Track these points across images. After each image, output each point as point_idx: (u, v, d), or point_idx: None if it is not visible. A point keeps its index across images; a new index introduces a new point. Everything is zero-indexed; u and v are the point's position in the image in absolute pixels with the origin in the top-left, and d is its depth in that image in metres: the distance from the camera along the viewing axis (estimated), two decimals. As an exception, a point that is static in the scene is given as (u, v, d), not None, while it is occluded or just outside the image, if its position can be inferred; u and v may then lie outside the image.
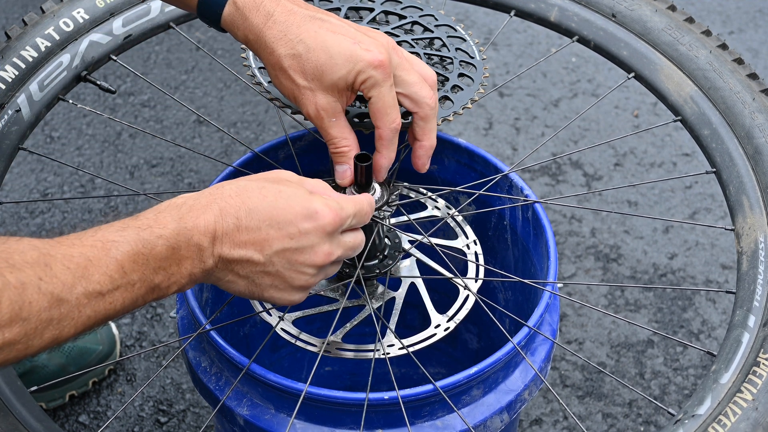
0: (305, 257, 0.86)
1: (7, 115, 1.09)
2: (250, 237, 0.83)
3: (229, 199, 0.83)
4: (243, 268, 0.84)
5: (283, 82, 0.95)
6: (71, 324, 0.73)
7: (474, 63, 1.10)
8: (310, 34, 0.92)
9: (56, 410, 1.62)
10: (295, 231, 0.84)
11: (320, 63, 0.92)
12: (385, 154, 0.98)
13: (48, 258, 0.72)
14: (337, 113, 0.95)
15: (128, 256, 0.76)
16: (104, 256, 0.75)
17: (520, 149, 2.14)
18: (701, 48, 1.14)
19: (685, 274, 1.89)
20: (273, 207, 0.84)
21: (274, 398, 1.03)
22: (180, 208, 0.81)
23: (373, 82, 0.93)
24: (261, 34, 0.93)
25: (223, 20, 0.96)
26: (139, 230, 0.77)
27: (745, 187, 1.06)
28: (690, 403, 0.94)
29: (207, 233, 0.81)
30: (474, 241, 1.18)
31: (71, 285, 0.72)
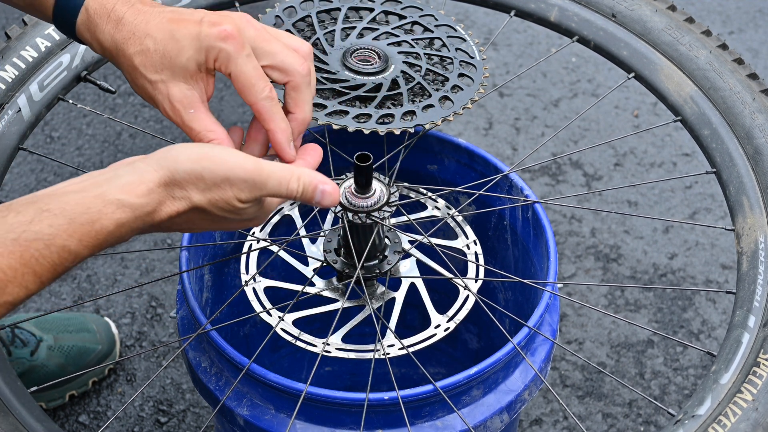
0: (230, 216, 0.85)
1: (7, 115, 1.09)
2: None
3: (173, 219, 0.82)
4: (181, 219, 0.83)
5: (138, 83, 0.89)
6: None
7: (474, 63, 1.10)
8: (158, 27, 0.88)
9: (56, 410, 1.62)
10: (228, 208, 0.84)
11: (168, 50, 0.87)
12: (274, 127, 0.90)
13: None
14: (194, 103, 0.89)
15: (48, 269, 0.75)
16: (21, 267, 0.74)
17: (520, 149, 2.14)
18: (701, 48, 1.14)
19: (685, 274, 1.89)
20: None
21: (274, 398, 1.03)
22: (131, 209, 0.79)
23: (225, 55, 0.87)
24: (113, 40, 0.88)
25: (77, 30, 0.91)
26: (68, 240, 0.76)
27: (745, 187, 1.06)
28: (690, 403, 0.94)
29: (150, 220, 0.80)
30: (474, 242, 1.18)
31: None
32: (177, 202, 0.81)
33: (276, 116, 0.90)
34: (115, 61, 0.90)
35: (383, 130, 1.00)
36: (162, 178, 0.80)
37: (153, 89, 0.89)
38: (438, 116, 1.03)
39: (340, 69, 1.04)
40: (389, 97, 1.03)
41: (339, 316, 1.04)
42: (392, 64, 1.06)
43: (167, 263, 1.87)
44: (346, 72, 1.04)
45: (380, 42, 1.10)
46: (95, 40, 0.90)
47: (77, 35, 0.92)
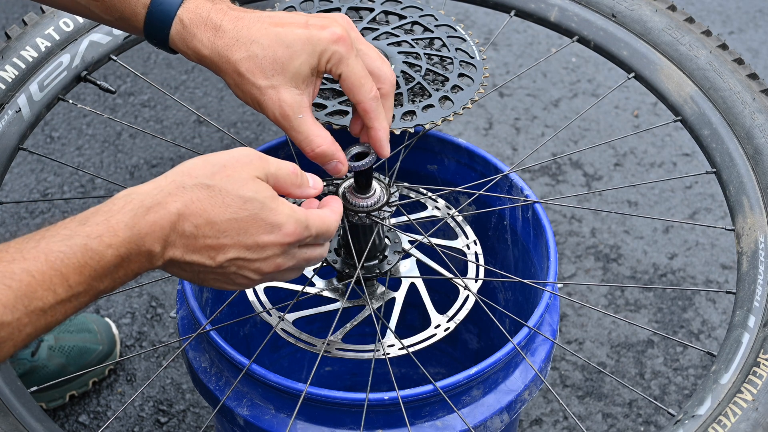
0: (256, 266, 0.83)
1: (7, 115, 1.09)
2: (205, 244, 0.79)
3: (191, 205, 0.78)
4: (191, 267, 0.81)
5: (244, 89, 0.89)
6: (10, 345, 0.70)
7: (474, 63, 1.10)
8: (262, 33, 0.88)
9: (56, 410, 1.62)
10: (252, 243, 0.81)
11: (278, 56, 0.87)
12: (378, 126, 0.92)
13: None
14: (303, 108, 0.90)
15: (74, 269, 0.72)
16: (48, 270, 0.71)
17: (520, 149, 2.14)
18: (701, 48, 1.14)
19: (685, 274, 1.89)
20: (234, 220, 0.79)
21: (274, 398, 1.03)
22: (136, 210, 0.75)
23: (338, 57, 0.88)
24: (213, 47, 0.89)
25: (171, 41, 0.91)
26: (87, 239, 0.73)
27: (745, 187, 1.06)
28: (690, 403, 0.94)
29: (159, 239, 0.76)
30: (474, 242, 1.18)
31: (12, 306, 0.69)
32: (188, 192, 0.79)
33: (380, 115, 0.92)
34: (216, 68, 0.90)
35: None
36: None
37: (261, 95, 0.89)
38: (438, 116, 1.03)
39: None
40: None
41: (339, 316, 1.04)
42: (392, 64, 1.06)
43: (167, 263, 1.87)
44: None
45: (380, 42, 1.10)
46: (191, 50, 0.90)
47: (170, 46, 0.92)
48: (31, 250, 0.71)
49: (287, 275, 0.88)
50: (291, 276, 0.88)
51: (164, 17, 0.90)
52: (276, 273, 0.85)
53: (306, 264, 0.87)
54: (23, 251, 0.71)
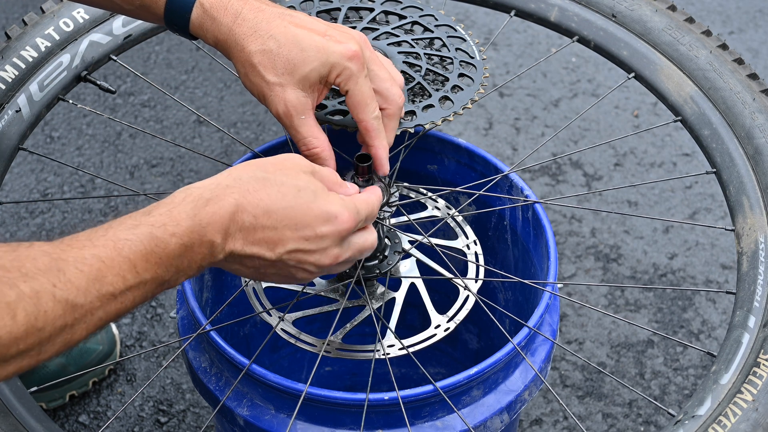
0: (315, 258, 0.85)
1: (7, 115, 1.09)
2: (264, 236, 0.81)
3: (248, 195, 0.80)
4: (252, 261, 0.83)
5: (253, 80, 0.92)
6: (83, 327, 0.72)
7: (474, 63, 1.10)
8: (281, 30, 0.91)
9: (56, 410, 1.62)
10: (311, 234, 0.83)
11: (291, 57, 0.90)
12: (378, 144, 0.96)
13: (60, 263, 0.70)
14: (306, 110, 0.92)
15: (141, 255, 0.74)
16: (117, 256, 0.73)
17: (520, 149, 2.14)
18: (701, 48, 1.14)
19: (685, 274, 1.89)
20: (291, 208, 0.82)
21: (274, 399, 1.03)
22: (196, 202, 0.78)
23: (348, 74, 0.91)
24: (230, 33, 0.91)
25: (191, 25, 0.93)
26: (152, 228, 0.75)
27: (745, 187, 1.06)
28: (690, 403, 0.94)
29: (221, 230, 0.79)
30: (474, 242, 1.18)
31: (85, 289, 0.71)
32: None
33: (381, 134, 0.95)
34: (230, 54, 0.93)
35: None
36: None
37: (269, 90, 0.92)
38: (438, 116, 1.03)
39: None
40: None
41: (339, 316, 1.04)
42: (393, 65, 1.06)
43: (167, 263, 1.87)
44: None
45: (380, 42, 1.10)
46: (210, 34, 0.93)
47: (190, 31, 0.94)
48: (100, 238, 0.73)
49: (342, 267, 0.90)
50: (344, 267, 0.91)
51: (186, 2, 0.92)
52: (333, 266, 0.87)
53: (360, 254, 0.90)
54: (92, 239, 0.73)
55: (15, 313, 0.67)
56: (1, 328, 0.66)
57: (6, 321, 0.66)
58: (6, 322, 0.66)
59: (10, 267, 0.68)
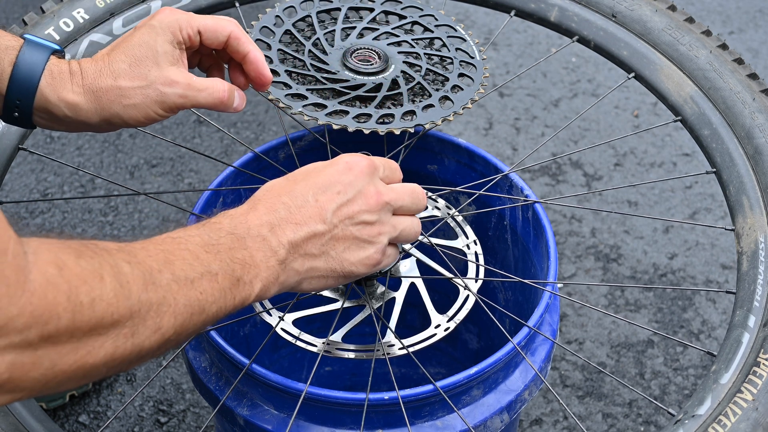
0: (359, 205, 0.86)
1: (7, 115, 1.09)
2: (305, 213, 0.84)
3: (268, 196, 0.84)
4: (313, 244, 0.84)
5: (140, 101, 0.93)
6: (169, 312, 0.72)
7: (474, 63, 1.10)
8: (115, 54, 0.93)
9: (56, 410, 1.62)
10: (340, 187, 0.85)
11: (140, 54, 0.92)
12: (253, 48, 0.98)
13: (129, 247, 0.72)
14: (190, 76, 0.94)
15: (200, 246, 0.76)
16: (178, 248, 0.75)
17: (520, 149, 2.14)
18: (701, 48, 1.14)
19: (685, 274, 1.89)
20: (308, 180, 0.85)
21: (274, 398, 1.03)
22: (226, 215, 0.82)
23: (185, 19, 0.94)
24: (86, 89, 0.92)
25: (39, 94, 0.92)
26: (199, 227, 0.79)
27: (745, 187, 1.06)
28: (690, 403, 0.94)
29: (263, 225, 0.81)
30: (474, 241, 1.18)
31: (158, 270, 0.71)
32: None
33: (250, 40, 0.98)
34: (98, 105, 0.93)
35: (383, 130, 1.00)
36: None
37: (155, 91, 0.93)
38: (438, 116, 1.03)
39: (340, 69, 1.05)
40: (389, 97, 1.03)
41: (339, 316, 1.04)
42: (392, 64, 1.06)
43: (167, 263, 1.87)
44: (346, 72, 1.04)
45: (380, 42, 1.10)
46: (62, 100, 0.92)
47: (34, 110, 0.93)
48: (153, 239, 0.76)
49: (405, 222, 0.91)
50: (410, 223, 0.92)
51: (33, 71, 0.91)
52: (385, 209, 0.88)
53: (406, 232, 0.91)
54: (150, 241, 0.75)
55: (102, 276, 0.66)
56: (92, 290, 0.65)
57: (95, 283, 0.65)
58: (95, 284, 0.65)
59: (86, 243, 0.68)
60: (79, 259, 0.66)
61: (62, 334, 0.63)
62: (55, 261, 0.64)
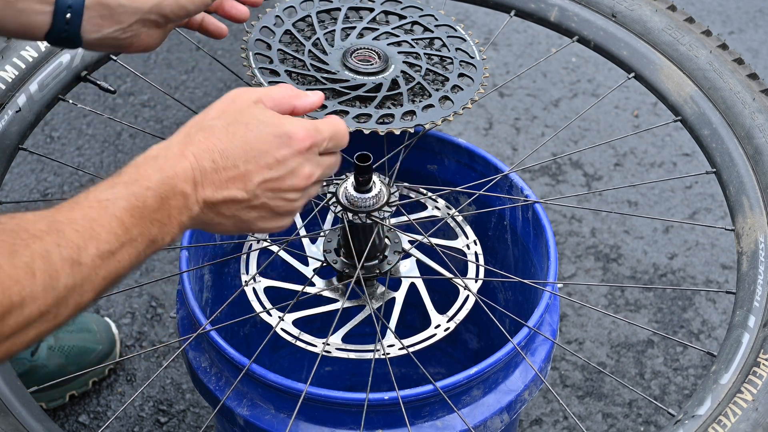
0: (287, 183, 0.86)
1: (7, 115, 1.09)
2: (229, 175, 0.83)
3: (200, 144, 0.82)
4: (228, 207, 0.84)
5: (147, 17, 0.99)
6: (90, 288, 0.74)
7: (474, 63, 1.10)
8: None
9: (56, 410, 1.62)
10: (272, 160, 0.84)
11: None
12: None
13: (57, 224, 0.73)
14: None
15: (126, 212, 0.77)
16: (104, 215, 0.76)
17: (520, 149, 2.14)
18: (701, 48, 1.14)
19: (685, 274, 1.89)
20: (245, 143, 0.83)
21: (274, 398, 1.03)
22: (157, 160, 0.81)
23: None
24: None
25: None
26: (127, 185, 0.78)
27: (745, 187, 1.06)
28: (690, 403, 0.94)
29: (188, 180, 0.81)
30: (474, 242, 1.18)
31: (84, 247, 0.73)
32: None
33: None
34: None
35: (383, 130, 1.00)
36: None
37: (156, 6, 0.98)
38: (438, 116, 1.03)
39: (340, 69, 1.04)
40: (389, 97, 1.03)
41: (339, 316, 1.04)
42: (392, 64, 1.06)
43: (167, 263, 1.87)
44: (346, 72, 1.04)
45: (380, 42, 1.10)
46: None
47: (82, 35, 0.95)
48: (83, 200, 0.76)
49: (316, 188, 0.91)
50: (318, 189, 0.91)
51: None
52: (311, 187, 0.88)
53: (329, 171, 0.91)
54: (78, 202, 0.76)
55: (33, 272, 0.69)
56: (24, 289, 0.68)
57: (27, 282, 0.68)
58: (27, 283, 0.68)
59: (18, 230, 0.70)
60: (12, 258, 0.68)
61: None
62: None
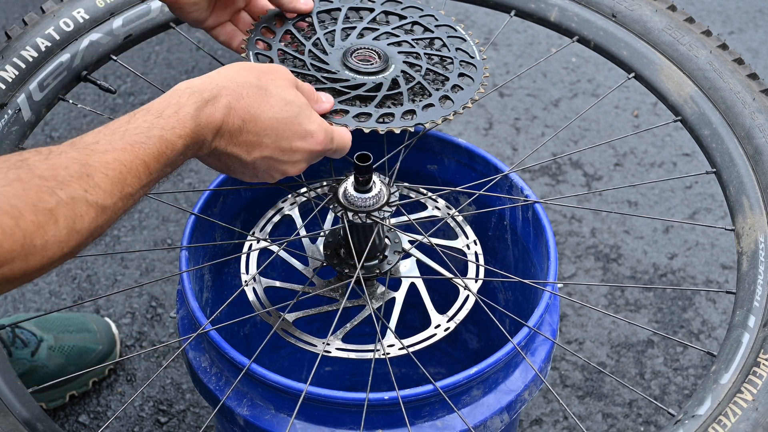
0: (284, 167, 0.92)
1: (7, 115, 1.09)
2: (247, 139, 0.88)
3: (240, 100, 0.86)
4: (229, 159, 0.89)
5: None
6: (107, 225, 0.79)
7: (474, 63, 1.10)
8: None
9: (56, 410, 1.62)
10: (287, 146, 0.90)
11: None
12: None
13: (88, 168, 0.76)
14: None
15: (154, 158, 0.81)
16: (135, 159, 0.80)
17: (520, 149, 2.14)
18: (701, 48, 1.14)
19: (685, 274, 1.89)
20: (276, 120, 0.88)
21: (274, 398, 1.03)
22: (198, 102, 0.84)
23: None
24: None
25: None
26: (163, 131, 0.82)
27: (745, 187, 1.06)
28: (690, 403, 0.94)
29: (214, 129, 0.85)
30: (474, 242, 1.18)
31: (110, 192, 0.77)
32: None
33: None
34: None
35: (383, 129, 1.00)
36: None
37: None
38: (438, 115, 1.03)
39: (341, 69, 1.05)
40: (389, 96, 1.03)
41: (339, 316, 1.04)
42: (392, 64, 1.06)
43: (167, 263, 1.87)
44: (347, 71, 1.04)
45: (380, 42, 1.10)
46: None
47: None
48: (118, 141, 0.80)
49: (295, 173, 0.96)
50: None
51: None
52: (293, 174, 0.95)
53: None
54: (113, 142, 0.79)
55: (57, 218, 0.73)
56: (47, 233, 0.72)
57: (51, 227, 0.73)
58: (50, 228, 0.73)
59: (48, 176, 0.74)
60: (36, 206, 0.72)
61: (16, 275, 0.72)
62: (10, 212, 0.70)
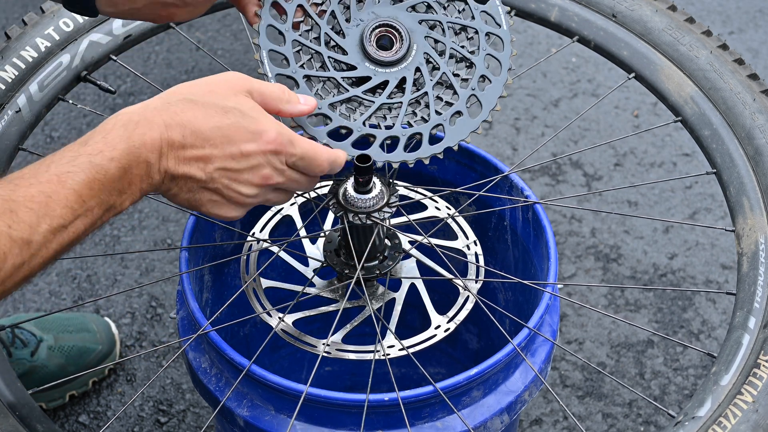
0: (244, 176, 0.87)
1: (7, 116, 1.09)
2: (193, 154, 0.84)
3: (175, 116, 0.83)
4: (186, 183, 0.86)
5: None
6: (39, 261, 0.77)
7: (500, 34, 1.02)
8: None
9: (56, 410, 1.62)
10: (236, 151, 0.86)
11: None
12: None
13: (11, 204, 0.75)
14: None
15: (85, 185, 0.78)
16: (62, 189, 0.77)
17: (520, 149, 2.14)
18: (702, 48, 1.14)
19: (685, 274, 1.89)
20: (217, 128, 0.84)
21: (274, 399, 1.03)
22: (127, 125, 0.82)
23: None
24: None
25: None
26: (90, 157, 0.79)
27: (745, 188, 1.06)
28: (690, 404, 0.94)
29: (154, 149, 0.82)
30: (474, 242, 1.18)
31: (36, 225, 0.76)
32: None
33: None
34: None
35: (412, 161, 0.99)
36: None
37: None
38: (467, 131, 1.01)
39: (360, 61, 1.00)
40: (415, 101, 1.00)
41: (339, 317, 1.04)
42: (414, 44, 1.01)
43: (167, 263, 1.87)
44: (367, 64, 0.99)
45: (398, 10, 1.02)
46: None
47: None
48: (43, 174, 0.78)
49: (278, 196, 0.92)
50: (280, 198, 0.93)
51: None
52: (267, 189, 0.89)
53: (295, 187, 0.92)
54: (37, 176, 0.78)
55: None
56: None
57: None
58: None
59: None
60: None
61: None
62: None
